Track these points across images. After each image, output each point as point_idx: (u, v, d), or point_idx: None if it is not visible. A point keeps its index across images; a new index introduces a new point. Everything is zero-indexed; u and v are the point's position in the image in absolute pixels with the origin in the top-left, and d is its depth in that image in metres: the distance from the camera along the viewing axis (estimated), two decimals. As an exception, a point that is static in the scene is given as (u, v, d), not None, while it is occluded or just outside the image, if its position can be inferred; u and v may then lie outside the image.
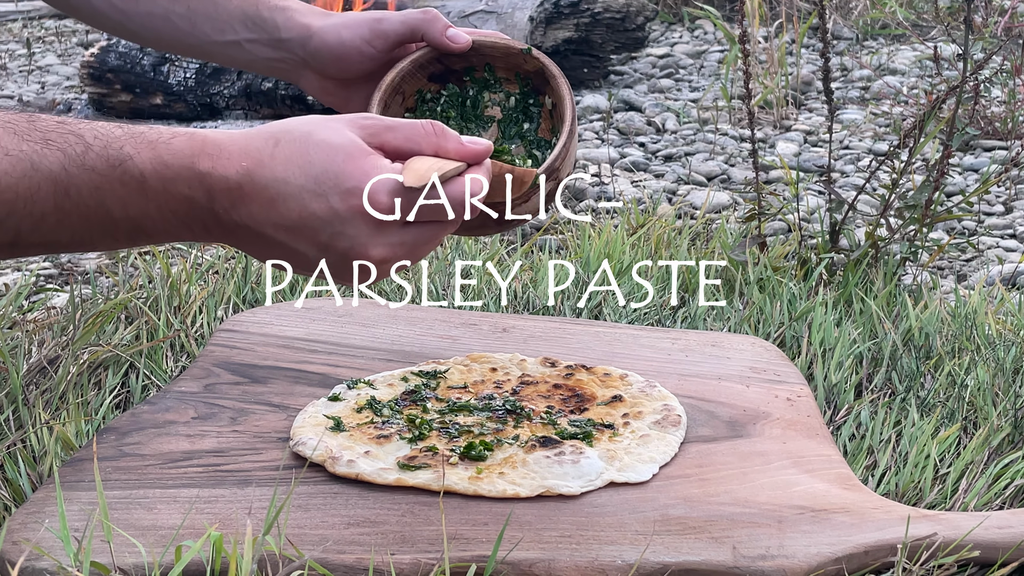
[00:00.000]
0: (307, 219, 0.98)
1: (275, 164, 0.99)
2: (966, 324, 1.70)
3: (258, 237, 1.01)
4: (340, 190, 0.98)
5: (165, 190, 0.97)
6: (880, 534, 1.10)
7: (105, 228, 0.97)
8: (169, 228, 1.00)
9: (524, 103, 1.36)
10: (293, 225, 0.99)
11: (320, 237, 0.99)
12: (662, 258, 1.97)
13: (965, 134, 1.86)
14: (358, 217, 0.99)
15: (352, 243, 1.00)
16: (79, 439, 1.30)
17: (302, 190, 0.98)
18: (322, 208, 0.98)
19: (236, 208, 0.99)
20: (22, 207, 0.91)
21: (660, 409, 1.31)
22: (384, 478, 1.16)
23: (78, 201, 0.94)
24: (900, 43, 4.06)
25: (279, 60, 1.35)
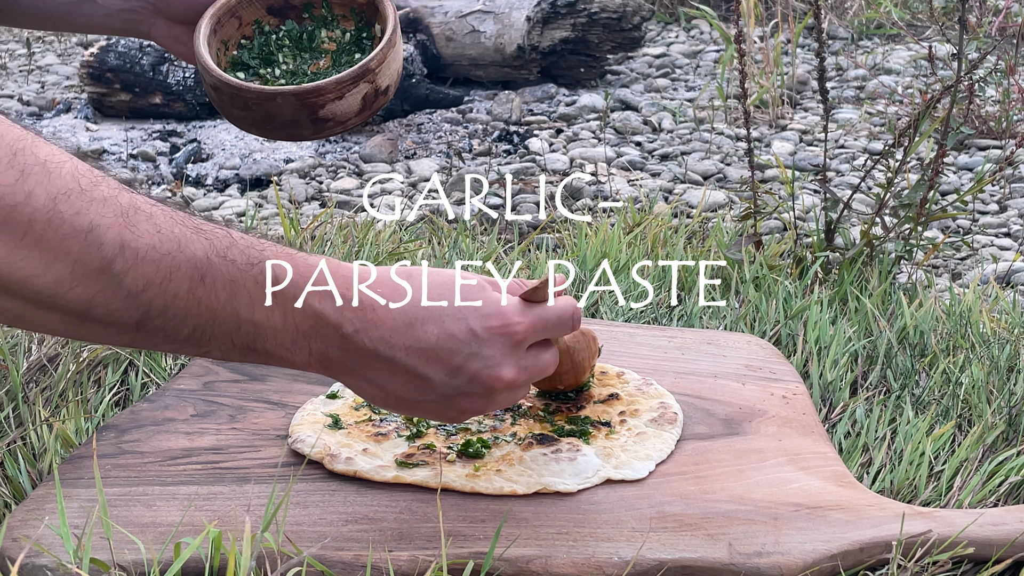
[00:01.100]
0: (444, 340, 1.01)
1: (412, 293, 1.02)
2: (961, 322, 1.70)
3: (385, 365, 1.02)
4: (479, 314, 1.03)
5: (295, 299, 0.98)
6: (875, 531, 1.10)
7: (227, 327, 0.97)
8: (287, 343, 1.00)
9: (358, 36, 1.38)
10: (430, 347, 1.01)
11: (455, 359, 1.02)
12: (659, 257, 1.97)
13: (960, 133, 1.87)
14: (496, 338, 1.03)
15: (486, 363, 1.03)
16: (79, 436, 1.31)
17: (442, 315, 1.02)
18: (461, 329, 1.02)
19: (367, 331, 1.00)
20: (159, 284, 0.92)
21: (656, 407, 1.31)
22: (382, 475, 1.16)
23: (211, 290, 0.95)
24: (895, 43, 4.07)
25: (130, 10, 1.37)
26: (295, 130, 1.25)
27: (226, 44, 1.34)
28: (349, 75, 1.23)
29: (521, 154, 3.02)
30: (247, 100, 1.24)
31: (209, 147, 3.03)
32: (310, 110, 1.23)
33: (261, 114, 1.24)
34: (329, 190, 2.78)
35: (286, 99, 1.22)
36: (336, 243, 1.98)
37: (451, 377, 1.02)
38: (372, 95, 1.25)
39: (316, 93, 1.22)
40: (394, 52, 1.27)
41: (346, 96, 1.23)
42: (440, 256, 1.93)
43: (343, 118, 1.25)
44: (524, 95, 3.48)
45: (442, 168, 2.90)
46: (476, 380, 1.03)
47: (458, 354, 1.02)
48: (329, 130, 1.26)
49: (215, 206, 2.68)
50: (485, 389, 1.04)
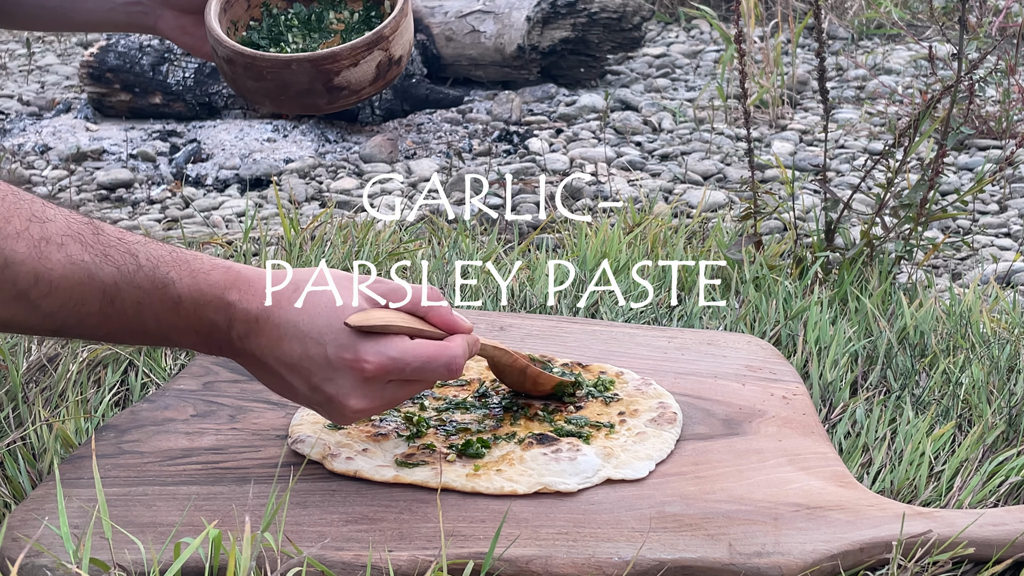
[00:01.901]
0: (304, 360, 1.09)
1: (291, 308, 1.09)
2: (961, 322, 1.70)
3: (261, 365, 1.12)
4: (336, 344, 1.08)
5: (196, 313, 1.09)
6: (875, 531, 1.11)
7: (137, 335, 1.09)
8: (189, 341, 1.11)
9: (367, 16, 1.39)
10: (292, 363, 1.09)
11: (312, 379, 1.09)
12: (658, 257, 1.97)
13: (960, 133, 1.87)
14: (346, 369, 1.09)
15: (337, 390, 1.09)
16: (79, 437, 1.31)
17: (307, 336, 1.09)
18: (319, 354, 1.09)
19: (248, 338, 1.10)
20: (72, 307, 1.03)
21: (656, 407, 1.31)
22: (382, 475, 1.16)
23: (121, 310, 1.06)
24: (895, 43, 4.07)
25: (134, 3, 1.38)
26: (310, 99, 1.26)
27: (235, 24, 1.34)
28: (363, 41, 1.24)
29: (521, 154, 3.01)
30: (262, 69, 1.24)
31: (209, 147, 3.03)
32: (325, 77, 1.24)
33: (276, 83, 1.25)
34: (329, 190, 2.78)
35: (301, 66, 1.23)
36: (336, 243, 1.98)
37: (311, 392, 1.10)
38: (386, 63, 1.26)
39: (331, 59, 1.23)
40: (406, 22, 1.28)
41: (360, 63, 1.24)
42: (440, 256, 1.93)
43: (358, 86, 1.26)
44: (524, 95, 3.48)
45: (442, 168, 2.90)
46: (331, 402, 1.10)
47: (315, 375, 1.09)
48: (344, 99, 1.27)
49: (215, 206, 2.68)
50: (339, 411, 1.11)
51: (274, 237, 2.17)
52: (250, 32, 1.35)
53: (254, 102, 1.30)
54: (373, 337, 1.09)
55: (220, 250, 2.03)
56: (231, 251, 2.04)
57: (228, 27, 1.32)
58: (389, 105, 3.24)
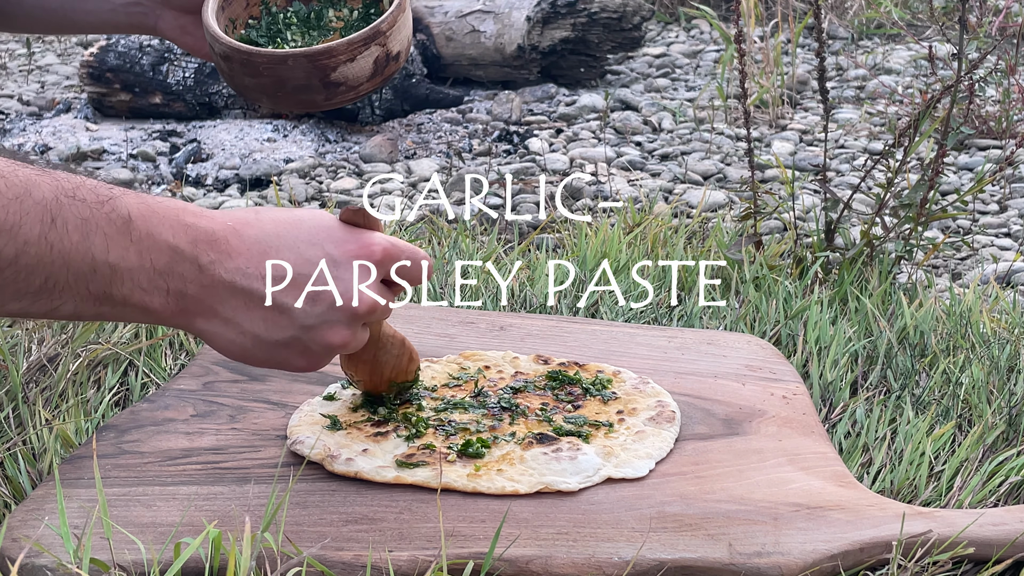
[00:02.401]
0: (301, 266, 1.01)
1: (262, 224, 1.01)
2: (961, 322, 1.70)
3: (242, 296, 1.00)
4: (334, 239, 1.03)
5: (149, 234, 0.96)
6: (875, 531, 1.11)
7: (81, 272, 0.94)
8: (143, 283, 0.97)
9: (366, 13, 1.39)
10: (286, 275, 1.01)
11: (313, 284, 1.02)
12: (659, 257, 1.97)
13: (960, 133, 1.87)
14: (352, 260, 1.03)
15: (346, 285, 1.02)
16: (79, 437, 1.31)
17: (296, 241, 1.01)
18: (317, 255, 1.02)
19: (222, 262, 0.99)
20: (8, 230, 0.90)
21: (654, 405, 1.31)
22: (383, 476, 1.16)
23: (63, 232, 0.92)
24: (895, 43, 4.07)
25: (135, 3, 1.38)
26: (307, 96, 1.25)
27: (234, 22, 1.34)
28: (360, 36, 1.23)
29: (521, 154, 3.01)
30: (258, 65, 1.24)
31: (209, 147, 3.03)
32: (322, 73, 1.23)
33: (272, 80, 1.24)
34: (329, 190, 2.78)
35: (297, 61, 1.22)
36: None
37: (311, 304, 1.01)
38: (383, 59, 1.25)
39: (327, 55, 1.22)
40: (404, 17, 1.27)
41: (357, 59, 1.23)
42: (440, 256, 1.93)
43: (355, 82, 1.25)
44: (524, 95, 3.48)
45: (442, 168, 2.90)
46: (335, 306, 1.02)
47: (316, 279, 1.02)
48: (341, 95, 1.26)
49: (215, 206, 2.68)
50: (347, 315, 1.03)
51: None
52: (248, 30, 1.35)
53: (251, 99, 1.30)
54: (366, 230, 1.06)
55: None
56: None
57: (226, 25, 1.32)
58: (389, 105, 3.25)
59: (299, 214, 1.04)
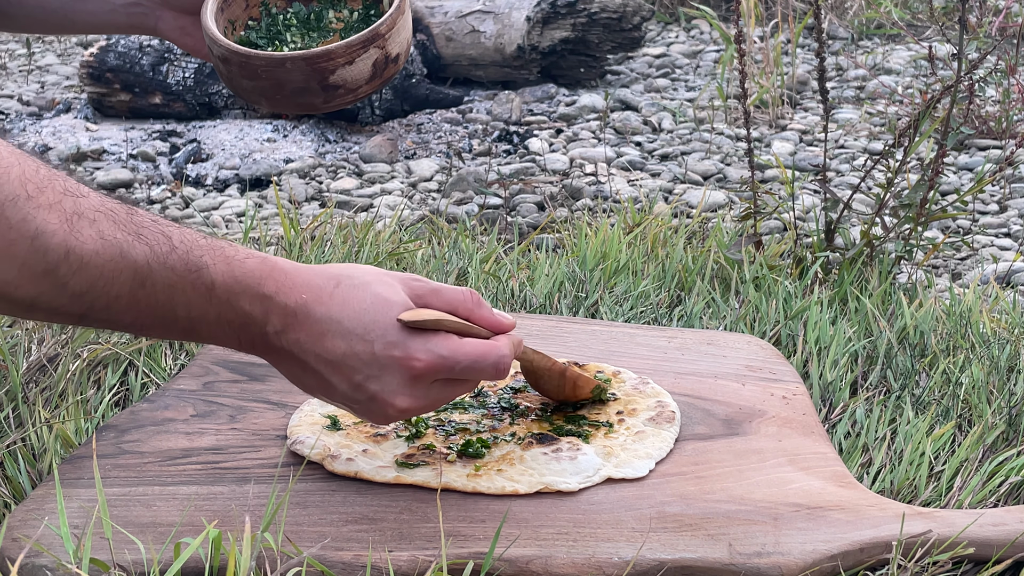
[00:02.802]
0: (349, 358, 1.05)
1: (332, 303, 1.06)
2: (961, 322, 1.70)
3: (298, 364, 1.08)
4: (385, 340, 1.05)
5: (229, 302, 1.04)
6: (875, 531, 1.10)
7: (166, 322, 1.03)
8: (220, 335, 1.06)
9: (366, 15, 1.38)
10: (335, 360, 1.06)
11: (356, 377, 1.06)
12: (658, 257, 1.97)
13: (960, 133, 1.87)
14: (395, 367, 1.06)
15: (383, 388, 1.06)
16: (78, 437, 1.31)
17: (351, 333, 1.05)
18: (366, 351, 1.05)
19: (286, 333, 1.06)
20: (102, 287, 0.98)
21: (654, 405, 1.31)
22: (383, 476, 1.16)
23: (151, 293, 1.00)
24: (895, 43, 4.06)
25: (135, 4, 1.37)
26: (305, 98, 1.25)
27: (233, 24, 1.33)
28: (359, 39, 1.23)
29: (521, 154, 3.01)
30: (256, 68, 1.23)
31: (209, 147, 3.03)
32: (320, 76, 1.23)
33: (271, 82, 1.24)
34: (329, 190, 2.78)
35: (296, 64, 1.22)
36: (336, 243, 1.98)
37: (353, 391, 1.07)
38: (383, 62, 1.25)
39: (326, 57, 1.22)
40: (403, 19, 1.27)
41: (356, 61, 1.23)
42: (440, 256, 1.93)
43: (354, 85, 1.24)
44: (524, 95, 3.48)
45: (442, 168, 2.90)
46: (375, 400, 1.07)
47: (359, 373, 1.06)
48: (340, 98, 1.25)
49: (215, 206, 2.68)
50: (382, 411, 1.08)
51: (274, 237, 2.17)
52: (248, 32, 1.35)
53: (250, 101, 1.29)
54: (422, 334, 1.06)
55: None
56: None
57: (225, 27, 1.32)
58: (389, 105, 3.25)
59: (368, 297, 1.07)
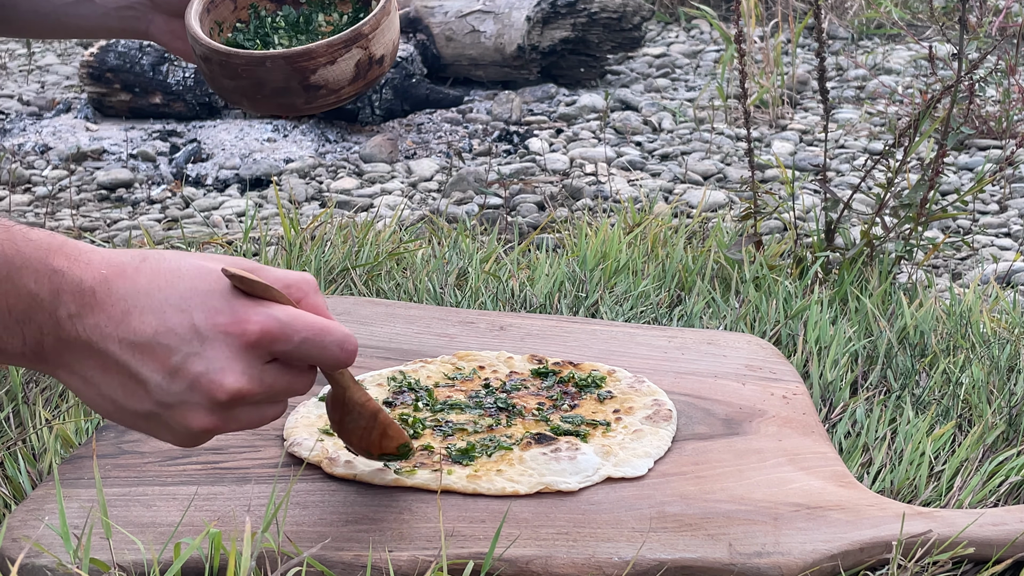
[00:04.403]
0: (162, 335, 0.88)
1: (139, 277, 0.90)
2: (961, 322, 1.70)
3: (96, 357, 0.90)
4: (207, 307, 0.89)
5: (9, 278, 0.87)
6: (875, 531, 1.10)
7: None
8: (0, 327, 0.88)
9: (355, 18, 1.37)
10: (144, 342, 0.89)
11: (172, 358, 0.89)
12: (659, 257, 1.97)
13: (960, 133, 1.87)
14: (221, 337, 0.89)
15: (207, 366, 0.89)
16: (79, 437, 1.31)
17: (164, 303, 0.89)
18: (183, 324, 0.89)
19: (82, 316, 0.88)
20: None
21: (651, 404, 1.31)
22: (382, 478, 1.16)
23: None
24: (895, 43, 4.06)
25: (127, 7, 1.36)
26: (286, 98, 1.23)
27: (220, 25, 1.33)
28: (341, 38, 1.21)
29: (521, 154, 3.01)
30: (236, 67, 1.22)
31: (209, 147, 3.03)
32: (301, 75, 1.21)
33: (251, 82, 1.22)
34: (329, 190, 2.78)
35: (276, 63, 1.20)
36: (336, 243, 1.98)
37: (168, 381, 0.89)
38: (366, 62, 1.23)
39: (306, 56, 1.20)
40: (388, 20, 1.25)
41: (338, 61, 1.21)
42: (440, 256, 1.93)
43: (336, 86, 1.23)
44: (524, 95, 3.48)
45: (442, 168, 2.90)
46: (196, 386, 0.90)
47: (176, 352, 0.89)
48: (322, 99, 1.24)
49: (215, 206, 2.68)
50: (207, 400, 0.90)
51: (274, 237, 2.17)
52: (236, 34, 1.34)
53: (231, 102, 1.28)
54: (252, 299, 0.91)
55: (220, 250, 2.03)
56: (231, 251, 2.04)
57: (212, 28, 1.31)
58: (389, 105, 3.24)
59: (183, 267, 0.91)
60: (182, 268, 0.90)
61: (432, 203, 2.65)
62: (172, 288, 0.89)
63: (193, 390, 0.90)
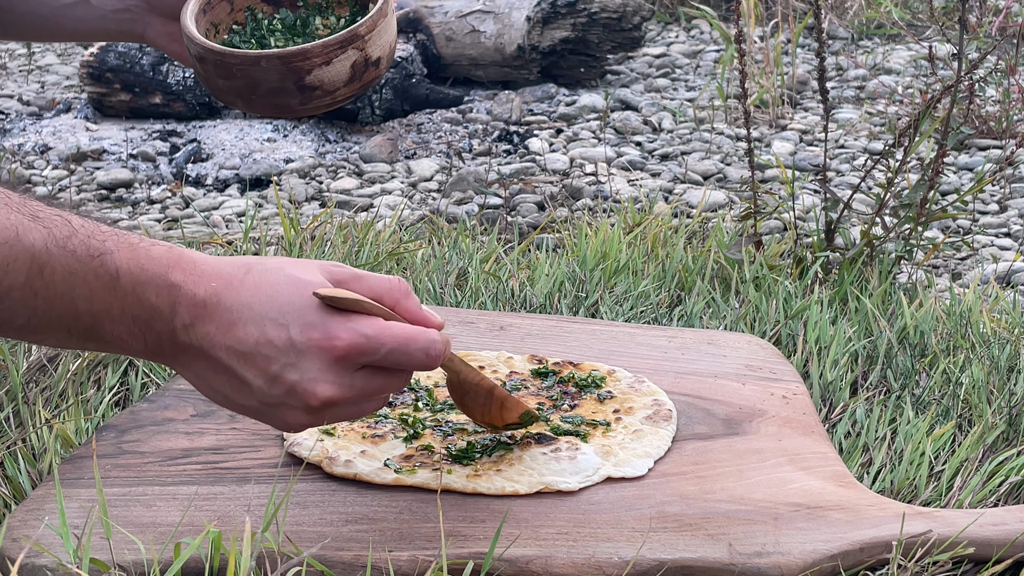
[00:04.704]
0: (263, 346, 0.98)
1: (243, 289, 0.98)
2: (961, 322, 1.70)
3: (207, 360, 1.00)
4: (302, 322, 0.98)
5: (134, 292, 0.96)
6: (875, 531, 1.10)
7: (64, 319, 0.95)
8: (124, 334, 0.98)
9: (352, 21, 1.36)
10: (247, 351, 0.98)
11: (272, 367, 0.98)
12: (659, 257, 1.97)
13: (960, 133, 1.86)
14: (314, 351, 0.98)
15: (302, 376, 0.98)
16: (79, 437, 1.31)
17: (264, 317, 0.98)
18: (281, 337, 0.98)
19: (195, 326, 0.98)
20: None
21: (651, 404, 1.31)
22: (382, 478, 1.16)
23: (50, 282, 0.93)
24: (895, 43, 4.06)
25: (124, 10, 1.36)
26: (281, 99, 1.22)
27: (216, 26, 1.32)
28: (336, 39, 1.21)
29: (521, 154, 3.01)
30: (231, 67, 1.21)
31: (209, 147, 3.03)
32: (296, 76, 1.20)
33: (245, 82, 1.21)
34: (329, 190, 2.78)
35: (271, 62, 1.20)
36: (336, 243, 1.98)
37: (269, 385, 0.99)
38: (362, 64, 1.22)
39: (301, 56, 1.19)
40: (385, 22, 1.24)
41: (334, 62, 1.20)
42: (440, 256, 1.93)
43: (331, 87, 1.22)
44: (524, 95, 3.48)
45: (442, 168, 2.90)
46: (293, 393, 0.99)
47: (275, 362, 0.98)
48: (317, 100, 1.23)
49: (215, 206, 2.68)
50: (303, 405, 1.00)
51: (274, 237, 2.17)
52: (232, 35, 1.34)
53: (227, 102, 1.27)
54: (343, 314, 0.99)
55: (220, 250, 2.03)
56: (231, 251, 2.04)
57: (208, 29, 1.31)
58: (389, 105, 3.24)
59: (282, 280, 1.00)
60: (280, 282, 0.99)
61: (432, 203, 2.65)
62: (272, 302, 0.98)
63: (290, 395, 0.99)
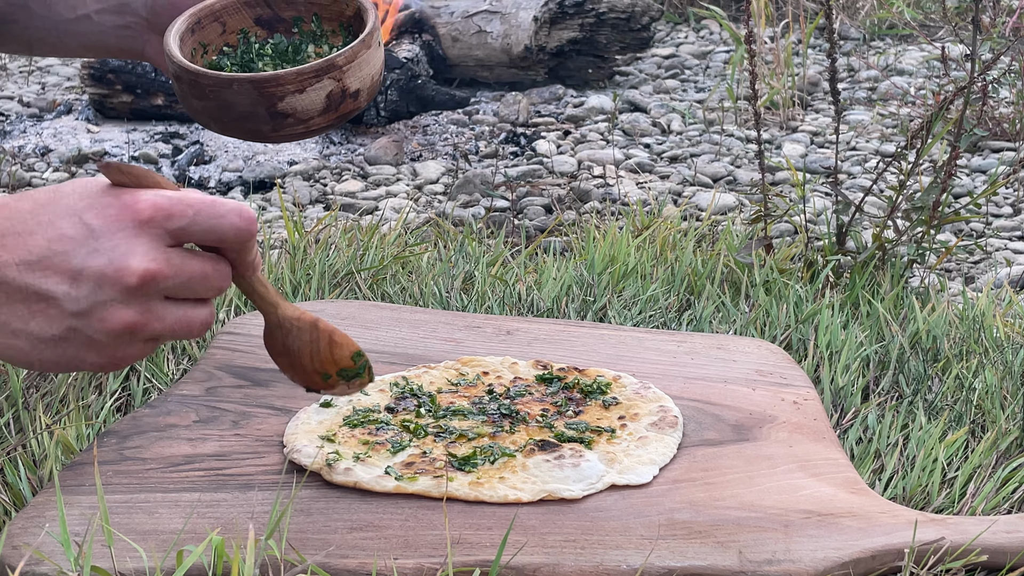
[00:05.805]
0: (55, 242, 0.88)
1: (21, 203, 0.90)
2: (974, 327, 1.69)
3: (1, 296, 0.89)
4: (94, 206, 0.89)
5: None
6: (887, 538, 1.09)
7: None
8: None
9: None
10: (41, 255, 0.89)
11: (72, 261, 0.89)
12: (668, 260, 1.96)
13: (973, 135, 1.85)
14: (114, 225, 0.89)
15: (109, 256, 0.89)
16: (80, 443, 1.30)
17: (52, 215, 0.89)
18: (74, 226, 0.89)
19: None
20: None
21: (656, 410, 1.30)
22: (383, 485, 1.15)
23: None
24: (907, 43, 4.05)
25: (124, 27, 1.35)
26: (252, 124, 1.21)
27: (205, 47, 1.31)
28: (311, 67, 1.20)
29: (528, 156, 3.00)
30: (204, 87, 1.20)
31: (212, 149, 3.02)
32: (268, 101, 1.20)
33: (217, 103, 1.21)
34: (333, 193, 2.77)
35: (243, 86, 1.19)
36: (341, 246, 1.97)
37: (74, 286, 0.89)
38: (338, 95, 1.21)
39: (274, 82, 1.19)
40: (367, 54, 1.23)
41: (307, 90, 1.19)
42: (446, 259, 1.92)
43: (304, 115, 1.21)
44: (531, 96, 3.47)
45: (448, 170, 2.89)
46: (104, 281, 0.89)
47: (74, 255, 0.88)
48: (290, 128, 1.22)
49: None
50: (119, 291, 0.89)
51: (278, 240, 2.16)
52: (221, 57, 1.33)
53: (201, 123, 1.26)
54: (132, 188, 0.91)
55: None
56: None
57: (195, 48, 1.30)
58: (394, 107, 3.24)
59: (62, 187, 0.91)
60: (62, 186, 0.90)
61: (438, 206, 2.64)
62: (56, 203, 0.89)
63: (101, 286, 0.89)
